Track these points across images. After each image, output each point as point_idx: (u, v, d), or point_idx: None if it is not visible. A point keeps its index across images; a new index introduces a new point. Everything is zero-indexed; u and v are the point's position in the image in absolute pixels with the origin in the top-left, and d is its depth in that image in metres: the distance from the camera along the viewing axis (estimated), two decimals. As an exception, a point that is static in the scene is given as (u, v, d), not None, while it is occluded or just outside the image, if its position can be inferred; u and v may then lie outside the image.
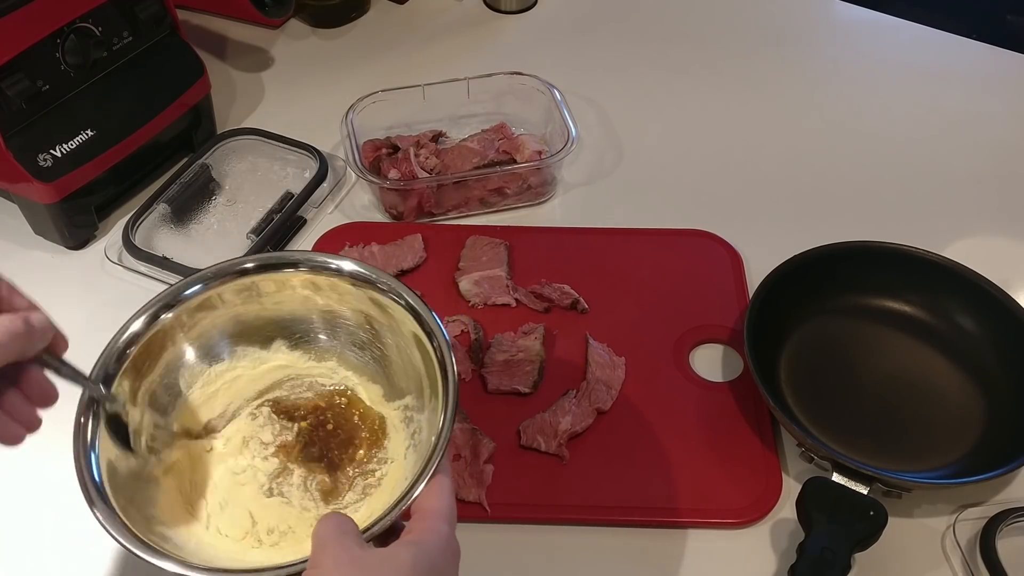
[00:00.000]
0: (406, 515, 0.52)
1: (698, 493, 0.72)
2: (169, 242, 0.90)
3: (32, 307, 0.54)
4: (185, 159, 0.97)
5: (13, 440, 0.54)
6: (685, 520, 0.71)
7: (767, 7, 1.25)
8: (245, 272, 0.65)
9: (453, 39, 1.19)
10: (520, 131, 1.01)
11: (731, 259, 0.90)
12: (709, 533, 0.71)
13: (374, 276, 0.63)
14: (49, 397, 0.55)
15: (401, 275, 0.88)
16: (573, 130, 0.93)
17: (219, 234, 0.91)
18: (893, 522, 0.67)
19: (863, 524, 0.66)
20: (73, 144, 0.85)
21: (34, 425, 0.55)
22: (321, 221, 0.94)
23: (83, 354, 0.60)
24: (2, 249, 0.90)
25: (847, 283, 0.84)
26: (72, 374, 0.57)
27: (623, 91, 1.11)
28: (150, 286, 0.87)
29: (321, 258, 0.65)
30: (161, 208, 0.91)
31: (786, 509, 0.72)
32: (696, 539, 0.71)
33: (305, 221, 0.94)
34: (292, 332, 0.68)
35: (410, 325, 0.62)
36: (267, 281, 0.65)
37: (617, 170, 1.01)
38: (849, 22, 1.25)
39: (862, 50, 1.19)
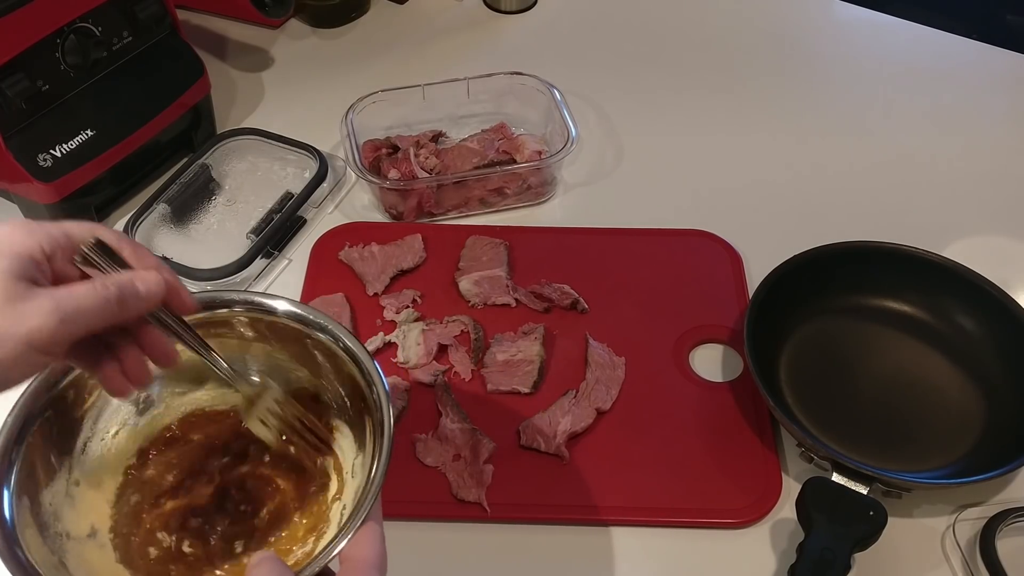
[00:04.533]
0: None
1: (698, 493, 0.72)
2: (169, 242, 0.90)
3: (153, 267, 0.51)
4: (185, 159, 0.97)
5: (120, 392, 0.52)
6: (685, 520, 0.71)
7: (767, 7, 1.25)
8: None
9: (453, 39, 1.19)
10: (520, 131, 1.01)
11: (731, 259, 0.90)
12: (709, 533, 0.71)
13: (312, 317, 0.60)
14: (167, 356, 0.53)
15: (401, 275, 0.88)
16: (573, 130, 0.93)
17: (219, 234, 0.91)
18: (893, 522, 0.67)
19: (863, 524, 0.66)
20: (73, 144, 0.85)
21: (142, 381, 0.53)
22: (321, 221, 0.94)
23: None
24: (2, 249, 0.90)
25: (847, 283, 0.84)
26: (195, 342, 0.54)
27: (623, 91, 1.11)
28: (150, 286, 0.87)
29: (257, 298, 0.61)
30: (161, 208, 0.91)
31: (786, 509, 0.72)
32: (696, 539, 0.71)
33: (305, 221, 0.94)
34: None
35: (348, 366, 0.58)
36: (202, 321, 0.60)
37: (617, 170, 1.01)
38: (849, 22, 1.25)
39: (862, 50, 1.19)
